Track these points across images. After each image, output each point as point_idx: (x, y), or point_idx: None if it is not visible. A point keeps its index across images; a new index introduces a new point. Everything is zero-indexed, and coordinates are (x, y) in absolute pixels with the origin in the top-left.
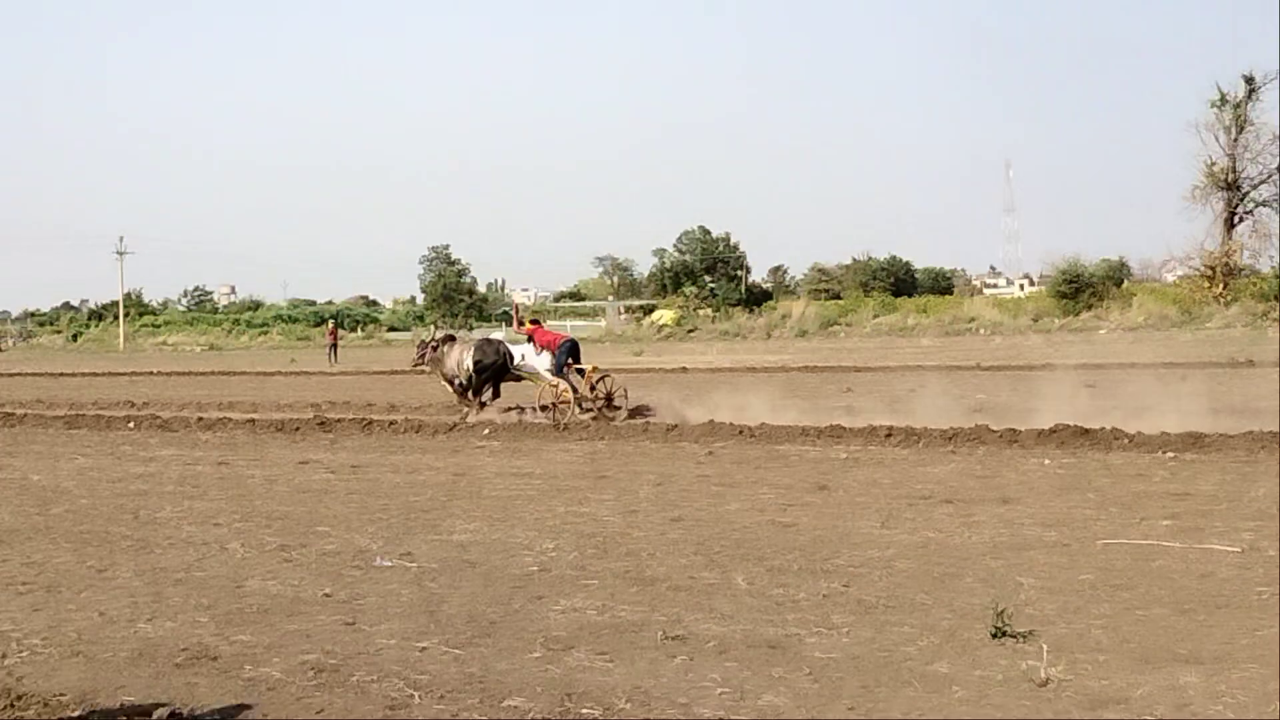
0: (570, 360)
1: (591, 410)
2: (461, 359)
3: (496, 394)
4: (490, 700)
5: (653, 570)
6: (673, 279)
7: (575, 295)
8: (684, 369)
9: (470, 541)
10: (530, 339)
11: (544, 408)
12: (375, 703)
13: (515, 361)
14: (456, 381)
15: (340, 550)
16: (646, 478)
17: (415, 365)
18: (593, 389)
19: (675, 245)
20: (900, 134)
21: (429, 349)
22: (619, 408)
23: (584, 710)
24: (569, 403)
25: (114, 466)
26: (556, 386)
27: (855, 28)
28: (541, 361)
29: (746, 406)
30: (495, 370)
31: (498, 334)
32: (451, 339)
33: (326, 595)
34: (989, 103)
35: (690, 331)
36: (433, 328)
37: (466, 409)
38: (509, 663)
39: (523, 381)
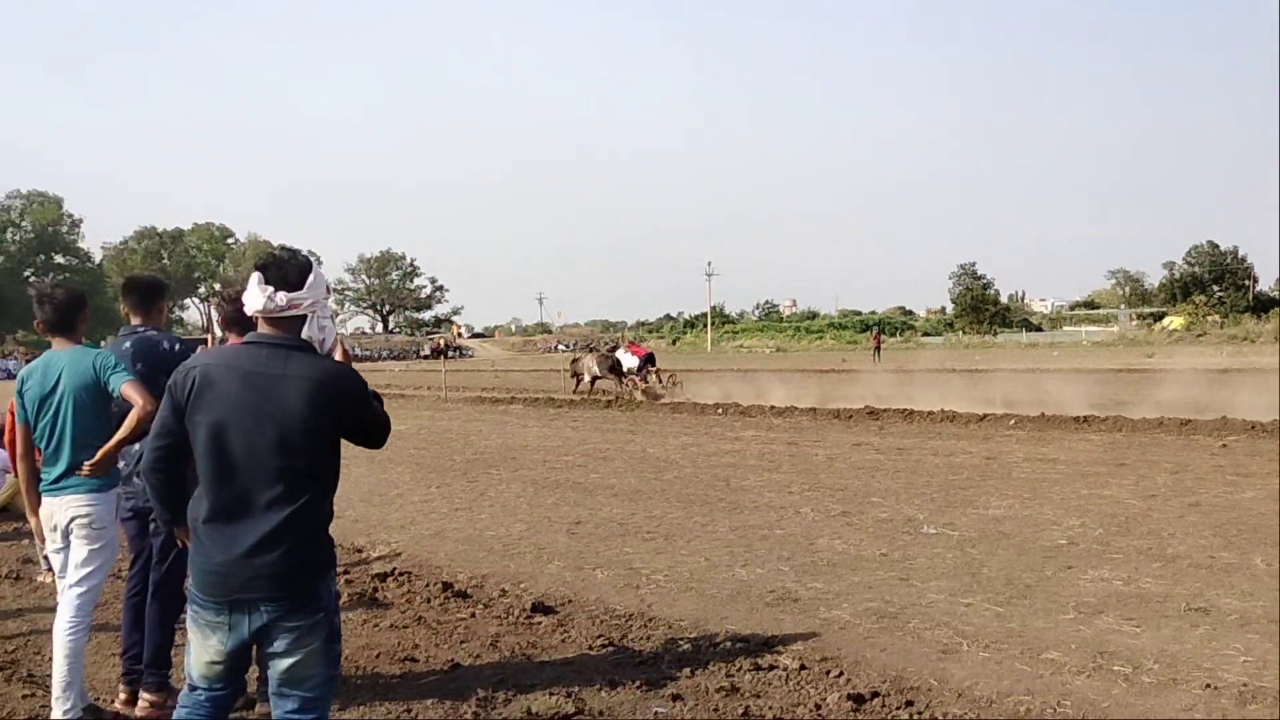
0: (648, 364)
1: (663, 394)
2: (590, 365)
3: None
4: (1029, 652)
5: (1173, 549)
6: (1182, 288)
7: (1089, 304)
8: (1193, 369)
9: (1004, 516)
10: (628, 351)
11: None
12: (929, 646)
13: (625, 365)
14: (587, 376)
15: (892, 518)
16: (1163, 466)
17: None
18: (660, 381)
19: (1184, 258)
20: None
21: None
22: (663, 392)
23: (1115, 667)
24: (639, 386)
25: (708, 444)
26: (634, 377)
27: None
28: (631, 362)
29: (1254, 406)
30: (610, 371)
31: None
32: (590, 349)
33: (883, 555)
34: None
35: (1199, 336)
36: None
37: (580, 393)
38: (1044, 621)
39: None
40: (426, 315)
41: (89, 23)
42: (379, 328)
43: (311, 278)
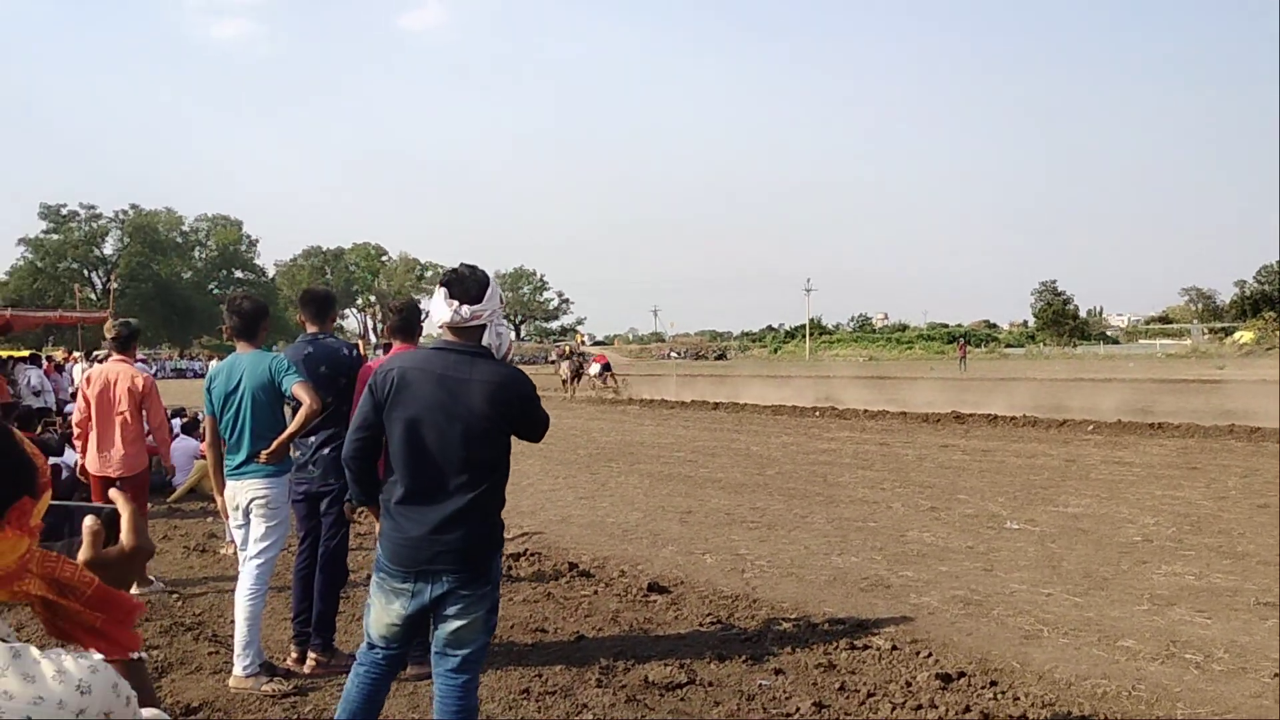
0: (606, 370)
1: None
2: (563, 369)
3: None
4: (1106, 640)
5: (1243, 547)
6: (1252, 305)
7: (1163, 319)
8: (1262, 381)
9: (1081, 514)
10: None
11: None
12: (1012, 632)
13: (589, 370)
14: (562, 376)
15: (977, 514)
16: (1233, 470)
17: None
18: (614, 383)
19: (1255, 277)
20: None
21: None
22: (615, 391)
23: (1186, 655)
24: (595, 385)
25: (806, 443)
26: (596, 379)
27: None
28: (594, 368)
29: None
30: (574, 374)
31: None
32: (566, 357)
33: (969, 547)
34: None
35: (1269, 350)
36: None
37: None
38: (1120, 612)
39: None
40: (554, 325)
41: (268, 68)
42: (512, 336)
43: (489, 291)
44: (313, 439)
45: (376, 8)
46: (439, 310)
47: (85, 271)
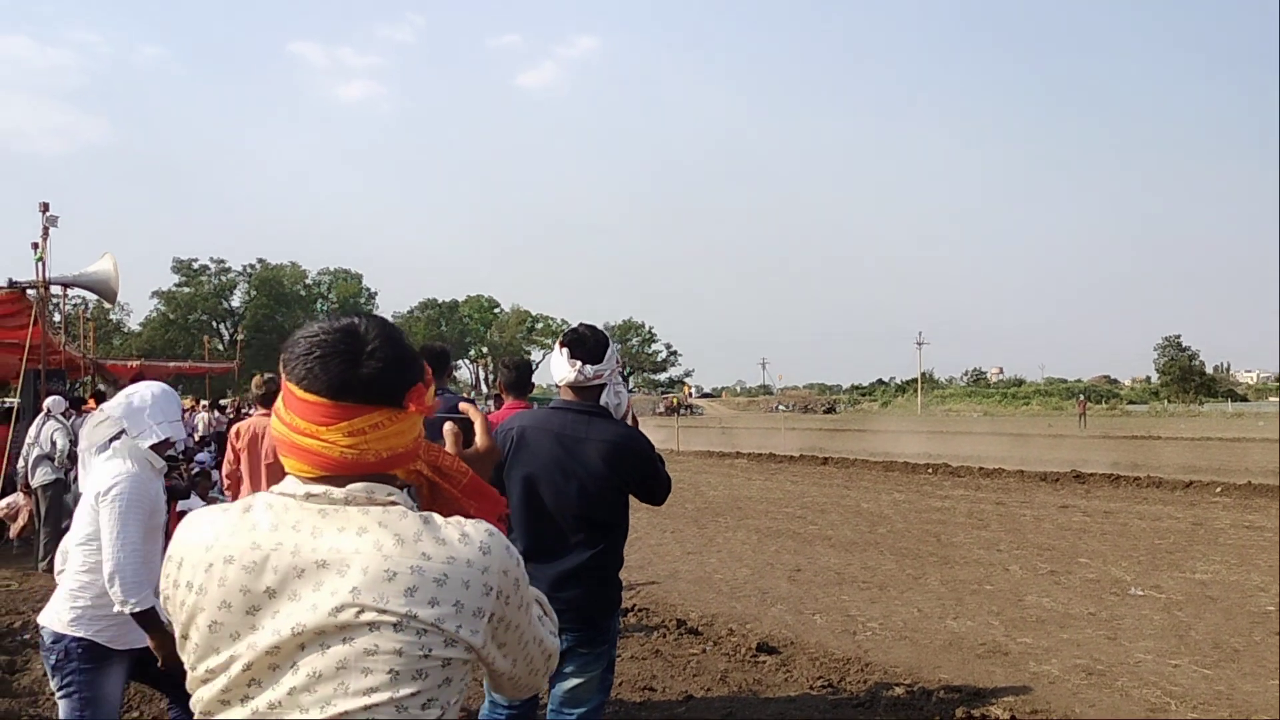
0: None
1: None
2: None
3: None
4: (1238, 715)
5: None
6: None
7: None
8: None
9: (1210, 580)
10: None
11: None
12: (1137, 705)
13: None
14: None
15: (1099, 579)
16: None
17: None
18: None
19: None
20: None
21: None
22: None
23: None
24: None
25: (919, 500)
26: None
27: None
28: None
29: None
30: None
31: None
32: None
33: (1090, 613)
34: None
35: None
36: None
37: None
38: (1253, 686)
39: None
40: (662, 377)
41: (390, 126)
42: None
43: (609, 351)
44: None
45: (495, 68)
46: (560, 369)
47: (214, 323)
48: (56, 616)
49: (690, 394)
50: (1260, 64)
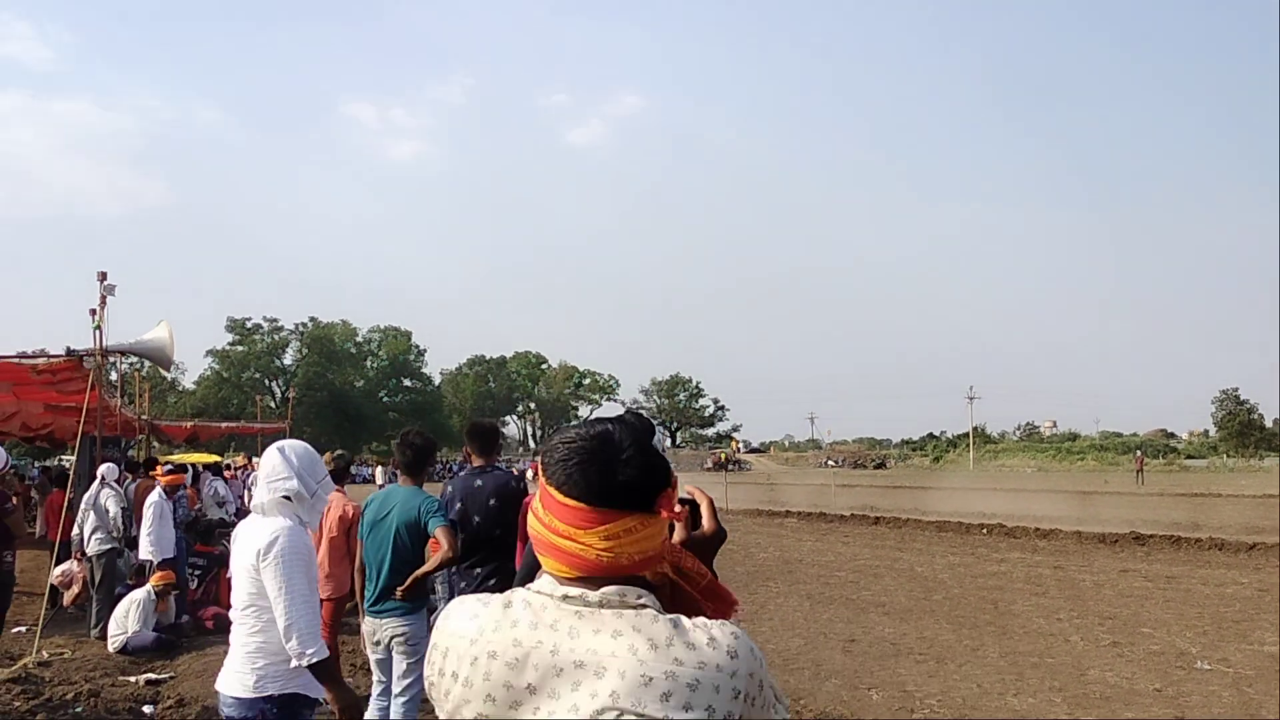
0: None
1: None
2: None
3: None
4: None
5: None
6: None
7: None
8: None
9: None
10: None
11: None
12: None
13: None
14: None
15: (1164, 650)
16: None
17: None
18: None
19: None
20: None
21: None
22: None
23: None
24: None
25: (974, 564)
26: None
27: None
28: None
29: None
30: None
31: None
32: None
33: (1156, 690)
34: None
35: None
36: None
37: None
38: None
39: None
40: (709, 432)
41: (440, 185)
42: (667, 443)
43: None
44: (479, 570)
45: (543, 126)
46: None
47: (266, 381)
48: (240, 683)
49: (738, 449)
50: None
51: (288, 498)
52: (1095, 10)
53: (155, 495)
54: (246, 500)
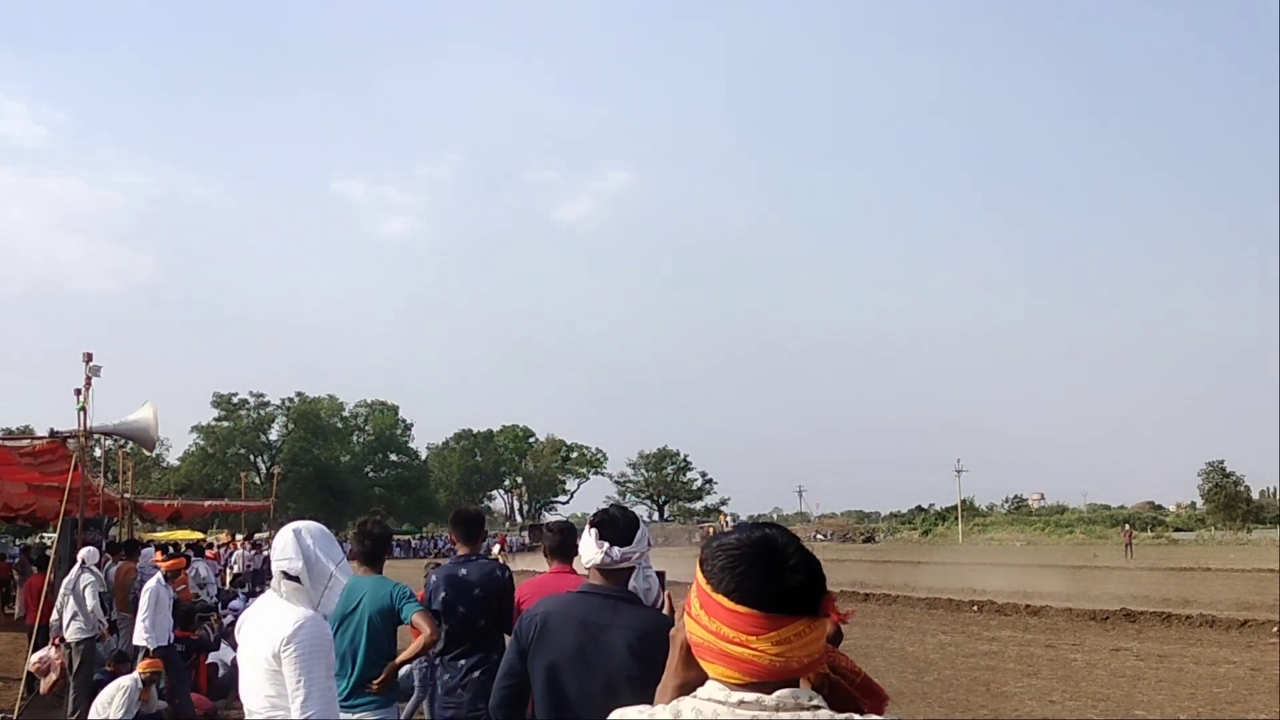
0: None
1: None
2: None
3: None
4: None
5: None
6: None
7: None
8: None
9: None
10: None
11: None
12: None
13: None
14: None
15: None
16: None
17: None
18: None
19: None
20: None
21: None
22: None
23: None
24: None
25: (966, 643)
26: None
27: None
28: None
29: None
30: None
31: None
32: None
33: None
34: None
35: None
36: None
37: None
38: None
39: None
40: (698, 505)
41: (429, 260)
42: (655, 516)
43: (639, 533)
44: (464, 662)
45: (532, 202)
46: (588, 550)
47: (251, 457)
48: None
49: (727, 523)
50: None
51: (294, 578)
52: (1082, 96)
53: (154, 582)
54: (228, 581)
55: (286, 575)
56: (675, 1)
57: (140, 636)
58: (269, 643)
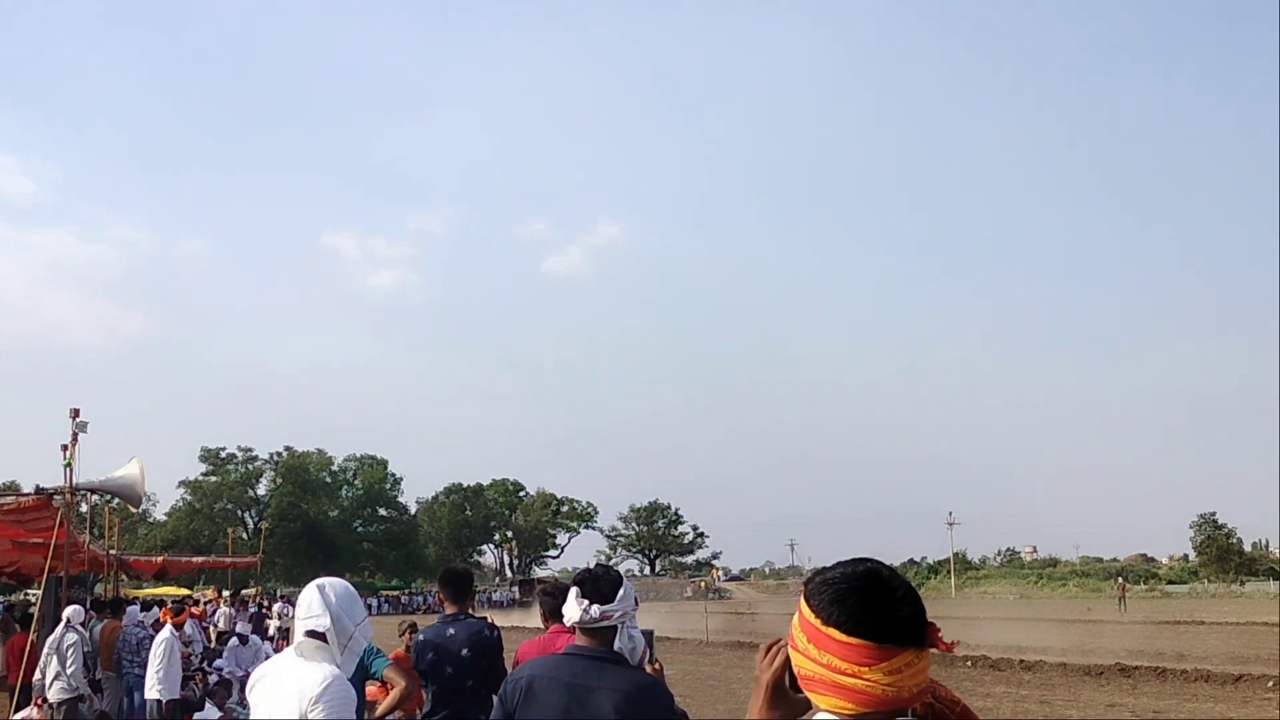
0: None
1: None
2: None
3: None
4: None
5: None
6: None
7: None
8: None
9: None
10: None
11: None
12: None
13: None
14: None
15: None
16: None
17: None
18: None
19: None
20: None
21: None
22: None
23: None
24: None
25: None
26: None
27: None
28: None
29: None
30: None
31: None
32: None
33: None
34: None
35: None
36: None
37: None
38: None
39: None
40: (689, 559)
41: (418, 313)
42: (646, 570)
43: (621, 591)
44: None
45: (522, 255)
46: (570, 610)
47: (239, 512)
48: None
49: (718, 577)
50: None
51: (319, 635)
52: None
53: (166, 633)
54: (213, 638)
55: (311, 633)
56: (663, 59)
57: (153, 690)
58: (295, 701)
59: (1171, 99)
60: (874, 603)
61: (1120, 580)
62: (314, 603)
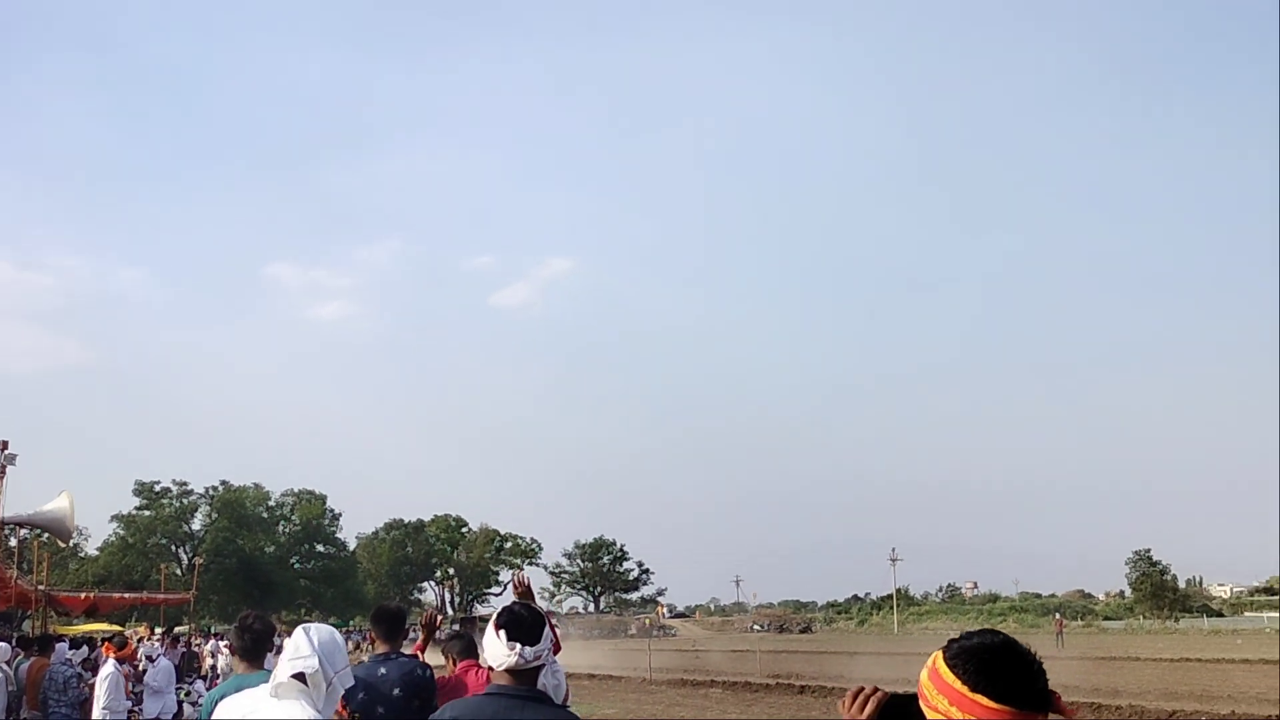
0: None
1: None
2: None
3: None
4: None
5: None
6: None
7: (1269, 589)
8: None
9: None
10: None
11: None
12: None
13: None
14: None
15: None
16: None
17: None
18: None
19: None
20: None
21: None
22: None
23: None
24: None
25: None
26: None
27: None
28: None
29: None
30: None
31: None
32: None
33: None
34: None
35: None
36: None
37: None
38: None
39: None
40: (634, 596)
41: (361, 346)
42: (590, 607)
43: (545, 630)
44: None
45: (468, 288)
46: (497, 653)
47: (173, 547)
48: None
49: (664, 614)
50: (1231, 291)
51: (301, 678)
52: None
53: (110, 667)
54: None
55: (297, 675)
56: (619, 95)
57: (98, 716)
58: None
59: (1156, 124)
60: (1017, 672)
61: (1058, 616)
62: (302, 645)
